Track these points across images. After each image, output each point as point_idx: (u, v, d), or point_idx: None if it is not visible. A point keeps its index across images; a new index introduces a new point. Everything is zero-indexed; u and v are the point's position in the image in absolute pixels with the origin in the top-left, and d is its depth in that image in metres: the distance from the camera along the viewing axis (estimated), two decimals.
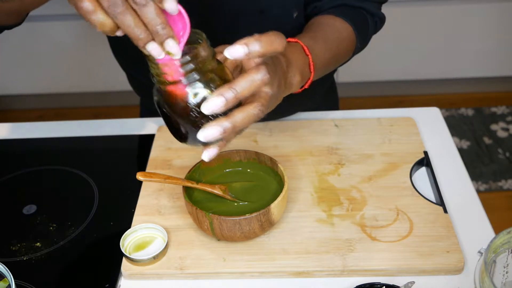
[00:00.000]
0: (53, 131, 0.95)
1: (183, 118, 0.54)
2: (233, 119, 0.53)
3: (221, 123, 0.53)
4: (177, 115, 0.55)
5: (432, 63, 2.18)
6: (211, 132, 0.53)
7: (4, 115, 2.37)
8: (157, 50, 0.50)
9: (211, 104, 0.52)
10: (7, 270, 0.58)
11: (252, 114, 0.54)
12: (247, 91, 0.54)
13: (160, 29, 0.49)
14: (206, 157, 0.57)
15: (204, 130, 0.53)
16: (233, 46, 0.53)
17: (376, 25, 0.89)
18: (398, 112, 0.93)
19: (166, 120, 0.57)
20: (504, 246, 0.57)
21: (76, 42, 2.09)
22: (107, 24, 0.49)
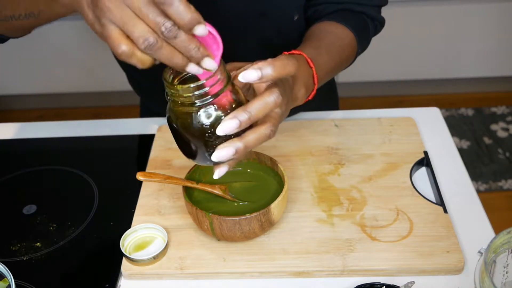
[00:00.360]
0: (53, 131, 0.95)
1: (196, 138, 0.57)
2: (245, 140, 0.56)
3: (234, 144, 0.56)
4: (190, 134, 0.57)
5: (432, 63, 2.18)
6: (224, 153, 0.55)
7: (4, 115, 2.37)
8: (195, 69, 0.53)
9: (226, 126, 0.54)
10: (7, 270, 0.58)
11: (264, 135, 0.57)
12: (261, 113, 0.56)
13: (194, 52, 0.51)
14: (217, 175, 0.59)
15: (218, 152, 0.56)
16: (247, 71, 0.55)
17: (376, 29, 0.89)
18: (398, 112, 0.93)
19: (177, 138, 0.60)
20: (504, 246, 0.57)
21: (76, 42, 2.09)
22: (146, 61, 0.52)
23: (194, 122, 0.56)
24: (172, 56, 0.51)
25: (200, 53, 0.52)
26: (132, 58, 0.51)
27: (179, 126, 0.57)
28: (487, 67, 2.20)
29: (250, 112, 0.55)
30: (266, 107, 0.56)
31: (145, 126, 0.95)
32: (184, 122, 0.56)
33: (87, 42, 2.09)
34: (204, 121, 0.55)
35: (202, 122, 0.56)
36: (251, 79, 0.55)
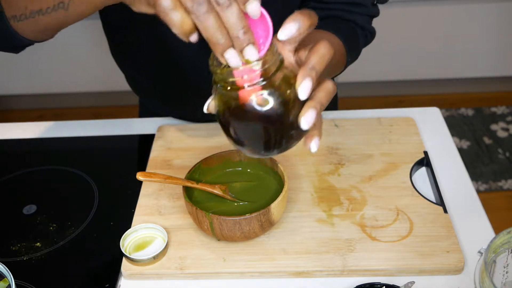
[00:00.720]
0: (53, 131, 0.95)
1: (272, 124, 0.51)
2: (317, 98, 0.52)
3: (312, 105, 0.51)
4: (263, 121, 0.51)
5: (432, 63, 2.18)
6: (310, 115, 0.51)
7: (4, 115, 2.37)
8: (235, 59, 0.48)
9: (305, 87, 0.50)
10: (7, 270, 0.58)
11: (329, 90, 0.53)
12: (322, 67, 0.52)
13: (242, 34, 0.46)
14: (314, 147, 0.54)
15: (305, 116, 0.51)
16: (284, 27, 0.50)
17: (367, 39, 0.88)
18: (398, 112, 0.93)
19: (243, 134, 0.53)
20: (504, 246, 0.57)
21: (76, 42, 2.09)
22: (186, 24, 0.46)
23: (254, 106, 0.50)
24: (216, 29, 0.45)
25: (247, 37, 0.46)
26: (172, 14, 0.45)
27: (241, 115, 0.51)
28: (487, 67, 2.20)
29: (314, 67, 0.51)
30: (324, 59, 0.52)
31: (145, 126, 0.95)
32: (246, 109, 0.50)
33: (87, 42, 2.09)
34: (273, 102, 0.50)
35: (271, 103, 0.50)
36: (291, 34, 0.50)
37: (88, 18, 0.65)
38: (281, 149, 0.54)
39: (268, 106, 0.50)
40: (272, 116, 0.50)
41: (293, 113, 0.51)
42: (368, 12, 0.86)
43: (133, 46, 0.89)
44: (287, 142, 0.53)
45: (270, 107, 0.50)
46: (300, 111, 0.51)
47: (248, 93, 0.50)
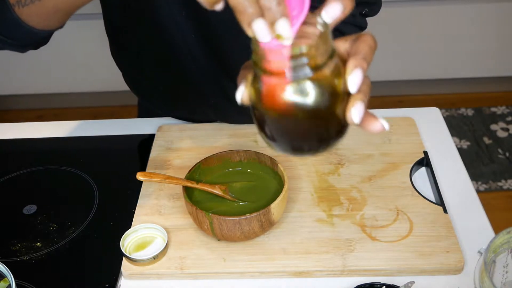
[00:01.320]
0: (53, 131, 0.95)
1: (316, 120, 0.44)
2: (363, 91, 0.46)
3: (360, 97, 0.46)
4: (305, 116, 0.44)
5: (432, 63, 2.18)
6: (360, 107, 0.45)
7: (4, 115, 2.37)
8: (264, 31, 0.40)
9: (356, 78, 0.44)
10: (8, 270, 0.58)
11: (370, 84, 0.48)
12: (371, 58, 0.48)
13: (274, 4, 0.39)
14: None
15: (355, 108, 0.45)
16: (329, 7, 0.44)
17: None
18: (398, 112, 0.93)
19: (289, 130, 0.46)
20: (504, 246, 0.57)
21: (76, 42, 2.09)
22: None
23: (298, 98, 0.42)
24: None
25: (281, 9, 0.40)
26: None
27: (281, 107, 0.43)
28: (487, 67, 2.20)
29: (366, 58, 0.46)
30: (372, 50, 0.48)
31: (145, 126, 0.95)
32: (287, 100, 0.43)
33: (87, 42, 2.09)
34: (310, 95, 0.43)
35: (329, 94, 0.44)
36: (336, 14, 0.44)
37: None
38: (325, 147, 0.47)
39: (312, 98, 0.42)
40: (317, 110, 0.43)
41: (341, 107, 0.45)
42: (356, 22, 0.84)
43: (134, 47, 0.89)
44: (333, 139, 0.47)
45: (315, 100, 0.42)
46: (345, 105, 0.45)
47: (291, 82, 0.42)
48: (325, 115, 0.44)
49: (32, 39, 0.72)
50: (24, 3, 0.64)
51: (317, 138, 0.46)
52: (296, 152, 0.48)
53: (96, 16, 0.85)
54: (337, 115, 0.45)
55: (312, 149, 0.47)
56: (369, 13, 0.87)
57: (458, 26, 2.08)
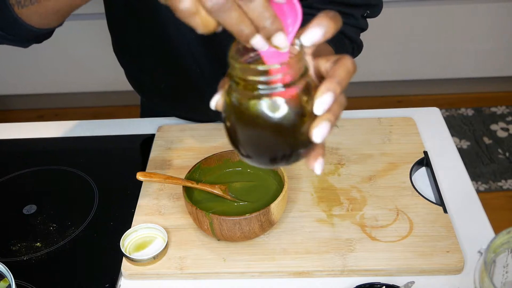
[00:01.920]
0: (53, 131, 0.96)
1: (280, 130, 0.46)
2: (333, 111, 0.47)
3: (327, 117, 0.47)
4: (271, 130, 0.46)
5: (432, 63, 2.18)
6: (324, 127, 0.46)
7: (4, 115, 2.37)
8: (261, 43, 0.44)
9: (324, 101, 0.46)
10: (7, 270, 0.58)
11: (343, 104, 0.49)
12: (347, 82, 0.49)
13: (269, 24, 0.43)
14: (319, 169, 0.49)
15: (318, 129, 0.46)
16: (309, 32, 0.47)
17: (353, 51, 0.87)
18: (398, 112, 0.93)
19: (244, 138, 0.48)
20: (504, 246, 0.57)
21: (76, 42, 2.09)
22: (210, 25, 0.44)
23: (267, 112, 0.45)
24: (240, 22, 0.43)
25: (275, 25, 0.43)
26: (193, 17, 0.43)
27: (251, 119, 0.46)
28: (487, 67, 2.20)
29: (340, 83, 0.47)
30: (349, 75, 0.49)
31: (145, 126, 0.95)
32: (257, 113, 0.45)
33: (87, 42, 2.09)
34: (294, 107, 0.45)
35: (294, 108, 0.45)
36: (317, 39, 0.47)
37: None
38: (285, 163, 0.49)
39: (280, 114, 0.45)
40: (282, 126, 0.45)
41: (306, 126, 0.46)
42: (358, 24, 0.85)
43: (136, 45, 0.89)
44: (293, 157, 0.48)
45: (282, 116, 0.45)
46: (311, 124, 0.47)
47: (263, 96, 0.44)
48: (290, 131, 0.46)
49: (34, 36, 0.73)
50: (24, 4, 0.65)
51: (281, 152, 0.48)
52: (259, 162, 0.50)
53: (97, 16, 0.85)
54: (302, 132, 0.47)
55: (275, 161, 0.49)
56: (370, 15, 0.87)
57: (458, 26, 2.08)
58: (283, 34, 0.43)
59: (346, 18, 0.83)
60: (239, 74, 0.45)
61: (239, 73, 0.45)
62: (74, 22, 2.02)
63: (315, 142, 0.47)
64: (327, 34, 0.48)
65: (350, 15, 0.83)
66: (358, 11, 0.84)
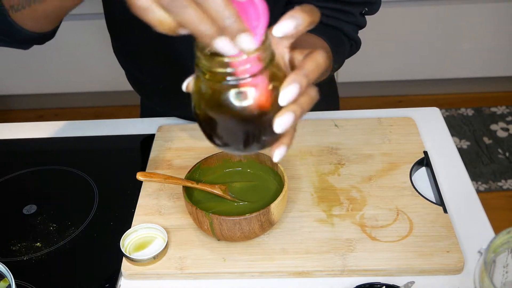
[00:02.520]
0: (53, 131, 0.95)
1: (245, 119, 0.47)
2: (300, 104, 0.48)
3: (292, 109, 0.47)
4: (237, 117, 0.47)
5: (432, 63, 2.18)
6: (286, 119, 0.47)
7: (4, 115, 2.37)
8: (228, 47, 0.42)
9: (288, 92, 0.46)
10: (7, 270, 0.58)
11: (313, 97, 0.49)
12: (315, 76, 0.49)
13: (230, 22, 0.41)
14: (278, 157, 0.50)
15: (280, 119, 0.47)
16: (281, 23, 0.47)
17: (352, 49, 0.86)
18: (398, 112, 0.93)
19: (212, 125, 0.49)
20: (504, 246, 0.57)
21: (76, 42, 2.09)
22: (166, 23, 0.43)
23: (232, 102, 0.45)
24: (199, 21, 0.41)
25: (236, 25, 0.41)
26: (149, 14, 0.42)
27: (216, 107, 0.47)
28: (487, 67, 2.20)
29: (307, 75, 0.47)
30: (319, 68, 0.49)
31: (145, 126, 0.95)
32: (222, 102, 0.46)
33: (87, 42, 2.09)
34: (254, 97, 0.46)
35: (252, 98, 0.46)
36: (288, 31, 0.47)
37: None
38: (250, 149, 0.50)
39: (244, 103, 0.46)
40: (246, 114, 0.46)
41: (270, 115, 0.47)
42: (356, 21, 0.85)
43: (135, 45, 0.89)
44: (257, 143, 0.50)
45: (246, 105, 0.46)
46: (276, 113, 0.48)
47: (228, 86, 0.45)
48: (255, 120, 0.47)
49: (32, 39, 0.74)
50: (17, 8, 0.67)
51: (246, 140, 0.49)
52: (227, 149, 0.51)
53: (96, 16, 0.85)
54: (267, 121, 0.47)
55: (241, 147, 0.50)
56: (369, 12, 0.86)
57: (458, 26, 2.08)
58: (248, 35, 0.42)
59: (345, 15, 0.83)
60: (205, 65, 0.45)
61: (205, 64, 0.45)
62: (74, 22, 2.02)
63: (276, 132, 0.47)
64: (300, 27, 0.48)
65: (348, 13, 0.83)
66: (356, 9, 0.84)
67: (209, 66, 0.45)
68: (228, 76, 0.44)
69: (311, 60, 0.49)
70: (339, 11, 0.83)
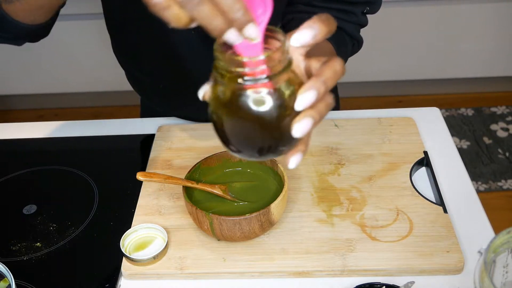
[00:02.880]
0: (53, 131, 0.95)
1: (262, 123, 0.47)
2: (318, 109, 0.49)
3: (310, 114, 0.48)
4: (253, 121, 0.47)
5: (432, 63, 2.18)
6: (305, 124, 0.48)
7: (4, 115, 2.37)
8: (235, 37, 0.45)
9: (306, 98, 0.47)
10: (7, 270, 0.58)
11: (330, 103, 0.50)
12: (333, 83, 0.50)
13: (240, 15, 0.44)
14: (294, 164, 0.52)
15: (299, 124, 0.48)
16: (299, 33, 0.49)
17: (354, 48, 0.87)
18: (398, 112, 0.93)
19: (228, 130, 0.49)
20: (504, 246, 0.57)
21: (76, 42, 2.09)
22: (182, 18, 0.45)
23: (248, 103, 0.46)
24: (212, 16, 0.44)
25: (245, 18, 0.44)
26: (166, 11, 0.44)
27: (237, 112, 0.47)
28: (487, 67, 2.20)
29: (325, 82, 0.48)
30: (336, 76, 0.50)
31: (145, 126, 0.95)
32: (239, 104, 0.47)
33: (87, 42, 2.09)
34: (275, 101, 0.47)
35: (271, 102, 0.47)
36: (306, 40, 0.49)
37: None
38: (265, 155, 0.51)
39: (262, 106, 0.46)
40: (264, 118, 0.47)
41: (287, 120, 0.48)
42: (358, 21, 0.85)
43: (135, 45, 0.89)
44: (273, 149, 0.50)
45: (264, 108, 0.46)
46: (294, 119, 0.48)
47: (246, 87, 0.46)
48: (272, 123, 0.47)
49: (24, 33, 0.74)
50: (10, 0, 0.67)
51: (263, 144, 0.49)
52: (241, 154, 0.51)
53: (96, 16, 0.85)
54: (284, 126, 0.48)
55: (258, 154, 0.50)
56: (370, 11, 0.87)
57: (458, 26, 2.08)
58: (254, 25, 0.44)
59: (347, 15, 0.83)
60: (223, 66, 0.46)
61: (223, 65, 0.46)
62: (74, 22, 2.03)
63: (295, 136, 0.48)
64: (317, 36, 0.50)
65: (351, 13, 0.83)
66: (358, 9, 0.84)
67: (227, 66, 0.46)
68: (245, 76, 0.45)
69: (329, 68, 0.49)
70: (342, 11, 0.83)
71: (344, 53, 0.83)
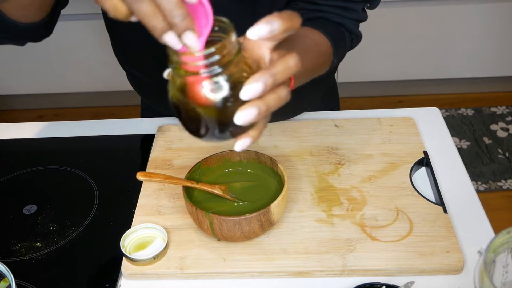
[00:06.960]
0: (53, 131, 0.96)
1: (207, 111, 0.50)
2: (266, 100, 0.50)
3: (255, 104, 0.49)
4: (201, 107, 0.50)
5: (432, 63, 2.18)
6: (248, 113, 0.49)
7: (4, 115, 2.37)
8: (174, 41, 0.46)
9: (251, 89, 0.49)
10: (8, 270, 0.58)
11: (282, 96, 0.51)
12: (284, 77, 0.51)
13: (179, 20, 0.45)
14: (239, 147, 0.53)
15: (242, 112, 0.49)
16: (256, 26, 0.50)
17: (352, 42, 0.87)
18: (398, 112, 0.93)
19: (184, 115, 0.53)
20: (503, 246, 0.57)
21: (76, 42, 2.10)
22: (120, 10, 0.46)
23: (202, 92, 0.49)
24: (152, 15, 0.44)
25: (184, 24, 0.45)
26: (106, 1, 0.45)
27: (185, 100, 0.51)
28: (487, 67, 2.20)
29: (274, 75, 0.50)
30: (289, 71, 0.51)
31: (145, 126, 0.95)
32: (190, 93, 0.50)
33: (87, 42, 2.09)
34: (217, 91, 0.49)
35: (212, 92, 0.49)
36: (261, 34, 0.50)
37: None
38: (215, 139, 0.54)
39: (205, 94, 0.49)
40: (210, 106, 0.50)
41: (232, 108, 0.50)
42: (358, 17, 0.85)
43: (135, 45, 0.89)
44: (223, 134, 0.53)
45: (207, 96, 0.49)
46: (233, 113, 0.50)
47: (191, 79, 0.49)
48: (219, 111, 0.50)
49: (22, 32, 0.74)
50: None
51: (212, 130, 0.52)
52: (198, 137, 0.54)
53: (96, 16, 0.85)
54: (228, 113, 0.50)
55: (209, 137, 0.53)
56: (370, 7, 0.87)
57: (458, 26, 2.08)
58: (192, 34, 0.46)
59: (348, 12, 0.83)
60: (171, 55, 0.49)
61: (171, 54, 0.49)
62: (74, 22, 2.03)
63: (236, 123, 0.50)
64: (275, 31, 0.50)
65: (351, 10, 0.84)
66: (358, 5, 0.84)
67: (172, 56, 0.49)
68: (186, 69, 0.48)
69: (282, 62, 0.51)
70: (342, 8, 0.83)
71: (342, 48, 0.83)
